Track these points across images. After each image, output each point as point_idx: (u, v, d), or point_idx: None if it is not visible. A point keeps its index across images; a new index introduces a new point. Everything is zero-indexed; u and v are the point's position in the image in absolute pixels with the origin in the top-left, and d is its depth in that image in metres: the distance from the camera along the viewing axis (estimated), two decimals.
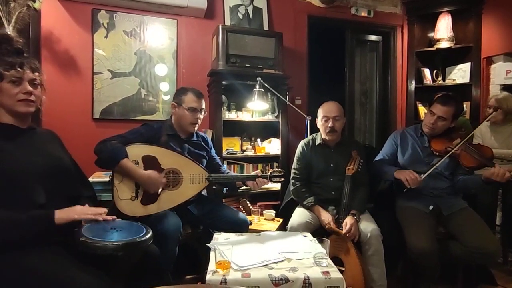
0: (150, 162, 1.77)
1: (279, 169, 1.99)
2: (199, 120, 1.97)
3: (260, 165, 2.96)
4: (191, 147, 2.00)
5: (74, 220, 1.19)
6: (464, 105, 3.44)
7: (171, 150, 1.86)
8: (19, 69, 1.22)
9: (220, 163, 2.18)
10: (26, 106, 1.25)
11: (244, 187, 2.09)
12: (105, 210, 1.28)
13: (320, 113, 2.15)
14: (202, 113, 1.98)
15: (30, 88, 1.25)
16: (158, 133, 1.90)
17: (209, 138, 2.19)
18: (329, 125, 2.06)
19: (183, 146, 1.96)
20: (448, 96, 2.07)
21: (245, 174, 2.70)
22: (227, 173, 2.16)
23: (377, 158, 2.24)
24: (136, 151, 1.76)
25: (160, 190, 1.75)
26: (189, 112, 1.92)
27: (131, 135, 1.82)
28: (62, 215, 1.17)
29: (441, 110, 2.00)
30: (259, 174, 1.94)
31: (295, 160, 2.25)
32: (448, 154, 1.93)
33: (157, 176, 1.73)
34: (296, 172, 2.20)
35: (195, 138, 2.05)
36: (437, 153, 2.01)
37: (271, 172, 1.96)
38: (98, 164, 1.72)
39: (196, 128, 2.00)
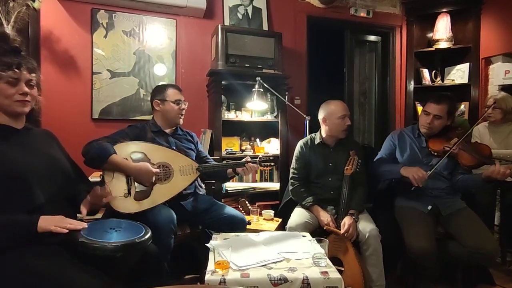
0: (139, 159, 1.78)
1: (269, 154, 2.00)
2: (184, 111, 2.06)
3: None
4: (177, 140, 2.04)
5: (51, 231, 1.12)
6: (463, 105, 3.45)
7: (158, 145, 1.88)
8: (16, 70, 1.21)
9: (208, 157, 2.19)
10: (22, 106, 1.24)
11: (234, 175, 2.08)
12: (85, 226, 1.20)
13: (334, 112, 2.09)
14: (186, 104, 2.07)
15: (26, 89, 1.23)
16: (143, 132, 1.95)
17: (194, 134, 2.22)
18: (348, 122, 2.10)
19: (170, 141, 2.01)
20: (441, 94, 2.10)
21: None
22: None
23: (376, 159, 2.24)
24: (125, 149, 1.77)
25: (154, 179, 1.75)
26: (175, 105, 2.01)
27: (117, 135, 1.85)
28: (42, 223, 1.12)
29: (436, 108, 2.01)
30: (249, 159, 1.95)
31: (293, 160, 2.25)
32: (447, 154, 1.93)
33: (148, 166, 1.75)
34: (295, 171, 2.20)
35: (180, 132, 2.11)
36: (435, 153, 2.01)
37: (260, 157, 1.98)
38: (87, 163, 1.71)
39: (182, 120, 2.07)
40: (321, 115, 2.18)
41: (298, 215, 2.06)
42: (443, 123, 2.04)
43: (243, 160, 1.96)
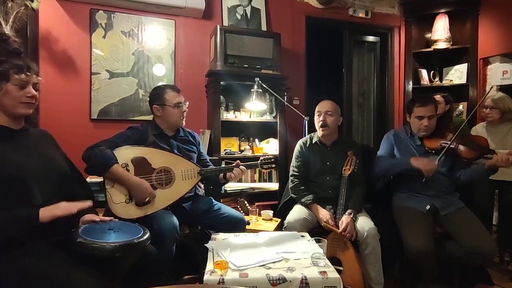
0: (140, 164, 1.77)
1: (269, 156, 2.00)
2: (185, 113, 2.01)
3: None
4: (179, 143, 2.00)
5: (59, 217, 1.15)
6: (461, 106, 3.46)
7: (159, 149, 1.86)
8: (28, 73, 1.24)
9: (208, 161, 2.15)
10: (27, 108, 1.27)
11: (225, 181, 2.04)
12: (90, 204, 1.26)
13: (316, 110, 2.21)
14: (186, 104, 2.01)
15: (34, 92, 1.27)
16: (145, 134, 1.90)
17: (196, 134, 2.18)
18: (321, 119, 2.12)
19: (171, 143, 1.96)
20: (421, 96, 2.14)
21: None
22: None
23: (378, 156, 2.23)
24: (125, 154, 1.75)
25: (147, 199, 1.73)
26: (176, 109, 1.95)
27: (118, 139, 1.81)
28: (46, 213, 1.14)
29: (427, 110, 2.03)
30: (239, 163, 1.94)
31: (293, 158, 2.26)
32: (446, 149, 1.94)
33: (148, 186, 1.73)
34: (295, 169, 2.22)
35: (182, 134, 2.06)
36: (433, 151, 2.02)
37: (261, 159, 1.97)
38: (88, 171, 1.70)
39: (184, 121, 2.02)
40: None
41: (297, 211, 2.07)
42: (435, 120, 2.07)
43: (234, 164, 1.95)
